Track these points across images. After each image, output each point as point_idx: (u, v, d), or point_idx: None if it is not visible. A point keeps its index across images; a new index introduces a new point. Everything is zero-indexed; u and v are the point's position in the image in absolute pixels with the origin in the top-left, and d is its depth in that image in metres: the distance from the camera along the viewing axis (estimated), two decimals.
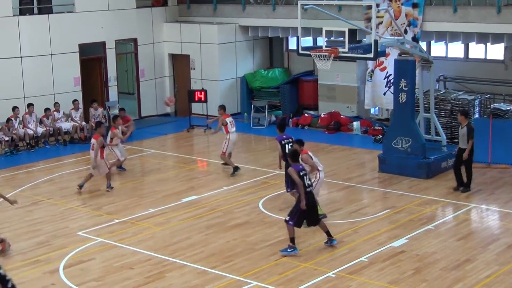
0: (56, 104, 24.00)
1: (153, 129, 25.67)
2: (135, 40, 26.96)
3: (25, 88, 23.91)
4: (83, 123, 24.26)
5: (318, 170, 15.42)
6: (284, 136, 16.76)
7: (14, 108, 22.94)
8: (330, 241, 14.01)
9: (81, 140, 23.87)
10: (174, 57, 28.03)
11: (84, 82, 25.38)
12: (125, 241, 14.74)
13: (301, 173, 13.63)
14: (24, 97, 23.79)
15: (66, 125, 23.84)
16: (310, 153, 15.38)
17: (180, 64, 27.84)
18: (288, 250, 13.64)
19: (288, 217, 13.70)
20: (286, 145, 16.41)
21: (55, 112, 23.87)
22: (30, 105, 23.40)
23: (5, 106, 23.08)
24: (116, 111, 25.24)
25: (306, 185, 13.60)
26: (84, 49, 25.30)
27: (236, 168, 19.39)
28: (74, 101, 24.38)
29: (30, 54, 23.96)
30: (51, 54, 24.42)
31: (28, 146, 23.02)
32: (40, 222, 16.22)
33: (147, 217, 16.23)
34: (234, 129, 19.77)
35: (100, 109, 24.74)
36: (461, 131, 17.47)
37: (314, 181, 14.90)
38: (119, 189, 18.88)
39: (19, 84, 23.80)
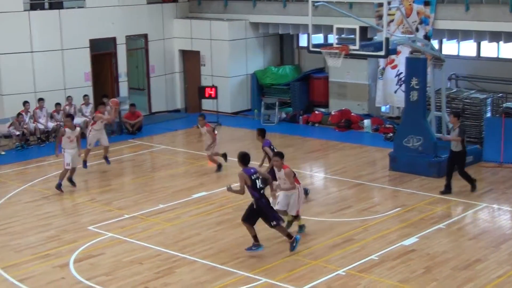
0: (68, 98, 24.03)
1: (163, 125, 25.67)
2: (145, 36, 26.97)
3: (36, 83, 23.96)
4: None
5: (299, 186, 14.44)
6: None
7: (25, 103, 22.99)
8: (293, 242, 13.59)
9: None
10: (184, 53, 28.00)
11: (95, 78, 25.41)
12: (135, 236, 14.74)
13: (253, 177, 13.36)
14: (35, 92, 23.84)
15: (76, 120, 23.80)
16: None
17: (191, 60, 27.82)
18: (253, 248, 13.54)
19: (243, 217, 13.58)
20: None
21: (67, 107, 23.92)
22: (40, 100, 23.45)
23: (16, 101, 23.12)
24: (126, 107, 25.29)
25: (259, 187, 13.36)
26: (95, 44, 25.33)
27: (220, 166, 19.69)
28: (85, 96, 24.42)
29: (41, 49, 23.99)
30: (62, 49, 24.44)
31: (39, 140, 23.08)
32: (50, 217, 16.24)
33: (157, 212, 16.23)
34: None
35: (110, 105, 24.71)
36: (453, 133, 17.28)
37: (294, 198, 14.24)
38: (129, 184, 18.90)
39: (30, 79, 23.84)
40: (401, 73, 22.77)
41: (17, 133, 22.44)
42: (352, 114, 24.56)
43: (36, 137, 23.04)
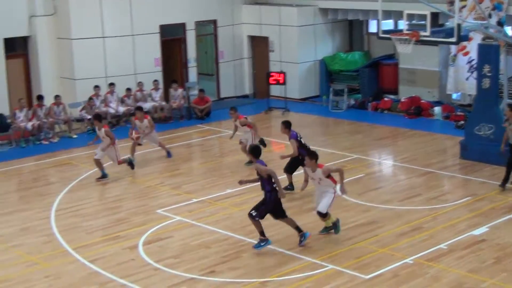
0: (139, 83, 24.37)
1: None
2: (214, 22, 27.09)
3: (107, 68, 24.35)
4: (163, 103, 24.58)
5: (334, 185, 13.67)
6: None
7: (95, 87, 23.41)
8: (302, 236, 13.40)
9: (161, 120, 24.17)
10: (253, 39, 28.05)
11: (164, 63, 25.68)
12: (203, 220, 14.89)
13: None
14: (106, 77, 24.24)
15: (146, 105, 24.16)
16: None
17: (259, 46, 27.85)
18: (261, 244, 13.21)
19: (254, 212, 13.08)
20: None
21: (138, 92, 24.27)
22: (111, 84, 23.85)
23: (88, 85, 23.58)
24: (195, 92, 25.50)
25: (273, 181, 13.07)
26: (165, 30, 25.58)
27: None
28: (154, 81, 24.72)
29: (113, 34, 24.35)
30: (133, 35, 24.76)
31: (110, 124, 23.42)
32: (120, 199, 16.54)
33: (225, 197, 16.35)
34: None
35: (180, 90, 25.02)
36: (509, 127, 16.68)
37: (329, 196, 13.49)
38: (198, 168, 19.10)
39: (102, 64, 24.25)
40: (473, 60, 22.33)
41: (89, 117, 22.86)
42: (422, 101, 24.23)
43: (107, 121, 23.41)
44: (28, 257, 13.25)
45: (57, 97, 22.79)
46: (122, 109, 23.85)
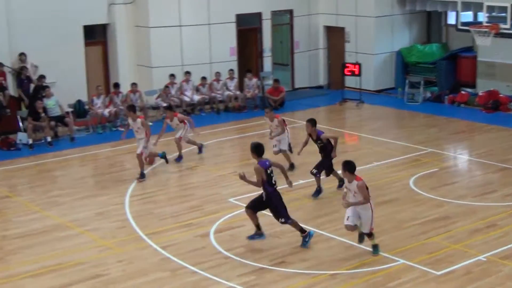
0: (217, 73, 24.55)
1: (305, 101, 25.75)
2: (291, 12, 27.05)
3: (183, 56, 24.60)
4: (238, 92, 24.69)
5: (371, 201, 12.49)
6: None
7: (171, 76, 23.69)
8: (305, 238, 13.01)
9: (235, 109, 24.30)
10: (329, 30, 27.90)
11: (239, 52, 25.78)
12: None
13: (269, 171, 12.73)
14: (182, 65, 24.49)
15: (221, 94, 24.37)
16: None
17: (335, 36, 27.69)
18: (256, 237, 13.10)
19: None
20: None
21: (214, 82, 24.46)
22: (187, 73, 24.10)
23: (164, 73, 23.88)
24: (270, 82, 25.54)
25: (274, 182, 12.84)
26: (241, 19, 25.67)
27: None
28: (230, 70, 24.86)
29: (189, 23, 24.58)
30: (209, 24, 24.94)
31: (185, 112, 23.70)
32: (194, 187, 16.72)
33: (297, 188, 16.26)
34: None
35: (254, 79, 25.10)
36: None
37: (367, 214, 12.31)
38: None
39: (178, 52, 24.51)
40: None
41: (164, 104, 23.13)
42: (501, 95, 23.69)
43: (182, 109, 23.69)
44: (102, 241, 13.54)
45: (133, 84, 23.15)
46: (197, 97, 24.08)
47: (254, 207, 13.04)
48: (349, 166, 12.21)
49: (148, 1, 24.01)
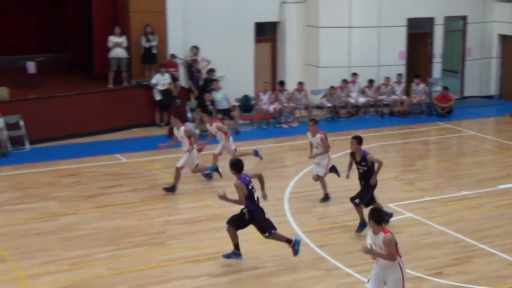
0: (386, 78, 24.29)
1: (474, 111, 24.98)
2: (464, 18, 26.32)
3: (350, 58, 24.52)
4: (404, 97, 24.32)
5: (400, 259, 10.04)
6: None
7: (343, 81, 23.85)
8: (293, 247, 12.39)
9: (400, 114, 23.95)
10: (504, 38, 26.88)
11: (408, 57, 25.38)
12: (434, 220, 14.56)
13: (250, 186, 12.02)
14: (349, 67, 24.43)
15: (388, 99, 24.11)
16: None
17: (510, 45, 26.63)
18: (232, 256, 12.49)
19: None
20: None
21: (383, 86, 24.24)
22: (354, 74, 24.01)
23: (330, 73, 23.96)
24: (438, 88, 24.98)
25: (256, 199, 12.14)
26: (412, 23, 25.26)
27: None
28: (398, 75, 24.53)
29: (359, 25, 24.46)
30: (379, 27, 24.71)
31: (349, 114, 23.67)
32: (352, 190, 16.49)
33: (459, 199, 15.87)
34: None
35: (422, 85, 24.62)
36: None
37: (396, 277, 9.86)
38: (432, 167, 18.73)
39: (345, 54, 24.46)
40: None
41: (329, 105, 23.20)
42: None
43: (346, 111, 23.64)
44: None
45: (300, 83, 23.33)
46: (362, 99, 23.93)
47: (236, 225, 12.48)
48: (376, 215, 9.82)
49: (319, 1, 24.14)
